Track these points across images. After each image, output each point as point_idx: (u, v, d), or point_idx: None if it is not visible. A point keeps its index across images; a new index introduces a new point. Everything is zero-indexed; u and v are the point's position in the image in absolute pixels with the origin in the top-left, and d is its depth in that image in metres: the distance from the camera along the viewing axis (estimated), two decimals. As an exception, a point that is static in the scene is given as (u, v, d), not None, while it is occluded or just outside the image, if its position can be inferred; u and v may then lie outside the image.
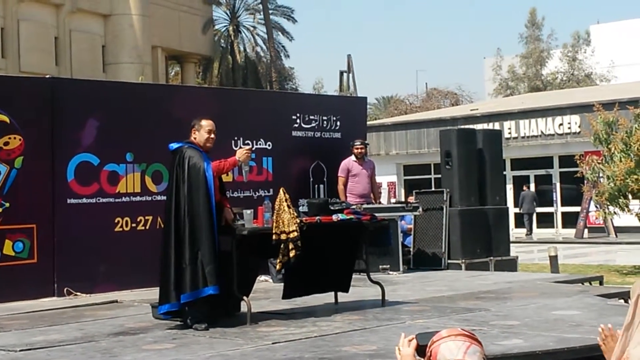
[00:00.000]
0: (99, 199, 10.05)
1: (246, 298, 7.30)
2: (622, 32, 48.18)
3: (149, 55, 35.81)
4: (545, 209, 29.80)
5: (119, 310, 8.58)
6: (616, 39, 47.62)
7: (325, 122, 12.42)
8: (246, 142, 11.20)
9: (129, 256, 10.00)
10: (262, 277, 10.28)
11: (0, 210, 9.31)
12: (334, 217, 7.84)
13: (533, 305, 8.15)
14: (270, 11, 46.90)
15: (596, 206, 18.05)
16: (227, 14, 48.26)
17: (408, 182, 32.44)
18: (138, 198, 10.35)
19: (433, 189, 19.01)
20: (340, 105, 13.45)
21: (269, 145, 11.70)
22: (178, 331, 7.02)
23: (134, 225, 10.27)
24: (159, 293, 7.29)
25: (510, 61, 50.05)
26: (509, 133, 29.13)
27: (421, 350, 2.73)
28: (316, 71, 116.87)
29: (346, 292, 8.29)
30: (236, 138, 11.21)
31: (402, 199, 27.74)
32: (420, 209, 11.87)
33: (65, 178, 9.81)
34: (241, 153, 7.56)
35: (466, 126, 23.47)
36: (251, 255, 7.56)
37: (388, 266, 11.44)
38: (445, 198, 12.45)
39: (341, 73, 38.41)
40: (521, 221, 28.98)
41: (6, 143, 9.42)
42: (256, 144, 11.46)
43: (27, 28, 31.72)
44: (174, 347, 6.34)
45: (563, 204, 29.42)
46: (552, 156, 29.50)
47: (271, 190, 10.98)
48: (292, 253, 7.23)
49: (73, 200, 9.85)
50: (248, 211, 7.56)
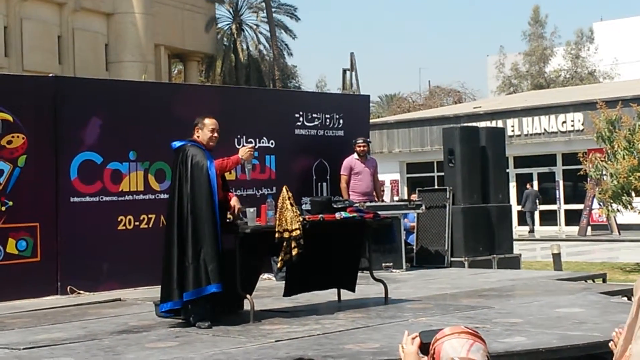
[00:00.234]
0: (102, 198, 10.06)
1: (249, 296, 7.30)
2: (626, 30, 48.13)
3: (152, 53, 35.83)
4: (548, 207, 29.79)
5: (123, 308, 8.59)
6: (619, 37, 47.57)
7: (328, 120, 12.42)
8: (249, 141, 11.20)
9: (132, 254, 10.01)
10: (265, 275, 10.28)
11: (3, 208, 9.33)
12: (337, 215, 7.84)
13: (536, 302, 8.15)
14: (273, 9, 46.89)
15: (599, 204, 18.05)
16: (230, 12, 48.27)
17: (411, 180, 32.43)
18: (141, 196, 10.36)
19: (436, 187, 19.05)
20: (343, 103, 13.45)
21: (272, 143, 11.71)
22: (181, 329, 7.03)
23: (137, 223, 10.27)
24: (161, 291, 7.30)
25: (513, 59, 50.03)
26: (512, 131, 29.12)
27: (424, 348, 2.72)
28: (319, 69, 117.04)
29: (352, 292, 8.28)
30: (239, 136, 11.21)
31: (405, 197, 27.70)
32: (423, 207, 11.87)
33: (68, 176, 9.82)
34: (244, 151, 7.57)
35: (469, 124, 23.45)
36: (254, 253, 7.56)
37: (391, 264, 11.44)
38: (448, 196, 12.46)
39: (344, 71, 38.45)
40: (524, 219, 28.98)
41: (9, 142, 9.43)
42: (259, 142, 11.46)
43: (30, 27, 31.75)
44: (177, 345, 6.35)
45: (566, 202, 29.41)
46: (555, 154, 29.48)
47: (274, 188, 10.97)
48: (295, 251, 7.23)
49: (76, 198, 9.86)
50: (251, 209, 7.55)
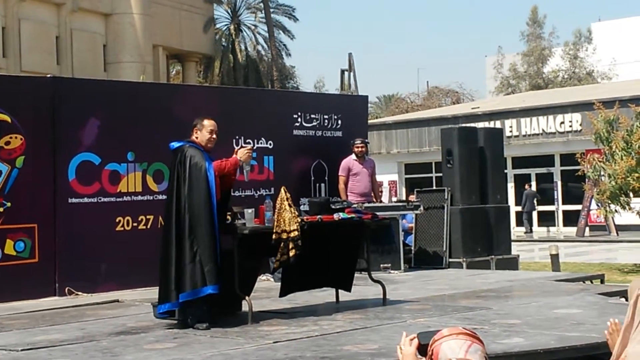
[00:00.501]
0: (100, 199, 10.05)
1: (247, 297, 7.30)
2: (624, 30, 48.17)
3: (150, 54, 35.83)
4: (546, 207, 29.81)
5: (121, 309, 8.58)
6: (618, 37, 47.60)
7: (326, 121, 12.42)
8: (247, 141, 11.20)
9: (130, 256, 10.00)
10: (264, 276, 10.28)
11: (1, 209, 9.32)
12: (335, 216, 7.84)
13: (534, 303, 8.15)
14: (271, 10, 46.90)
15: (597, 204, 18.05)
16: (229, 13, 48.27)
17: (409, 181, 32.44)
18: (139, 197, 10.35)
19: (434, 188, 19.05)
20: (341, 103, 13.45)
21: (270, 144, 11.70)
22: (179, 330, 7.02)
23: (135, 224, 10.27)
24: (159, 292, 7.30)
25: (511, 59, 50.06)
26: (510, 131, 29.14)
27: (423, 349, 2.73)
28: (317, 70, 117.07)
29: (348, 292, 8.30)
30: (237, 137, 11.20)
31: (403, 198, 27.72)
32: (421, 208, 11.87)
33: (66, 177, 9.81)
34: (242, 153, 7.56)
35: (467, 124, 23.46)
36: (252, 254, 7.56)
37: (389, 265, 11.44)
38: (446, 196, 12.45)
39: (342, 72, 38.46)
40: (522, 219, 29.00)
41: (7, 142, 9.42)
42: (257, 143, 11.46)
43: (28, 27, 31.74)
44: (175, 347, 6.35)
45: (564, 202, 29.43)
46: (554, 154, 29.51)
47: (272, 189, 10.97)
48: (292, 252, 7.23)
49: (74, 199, 9.85)
50: (249, 210, 7.55)
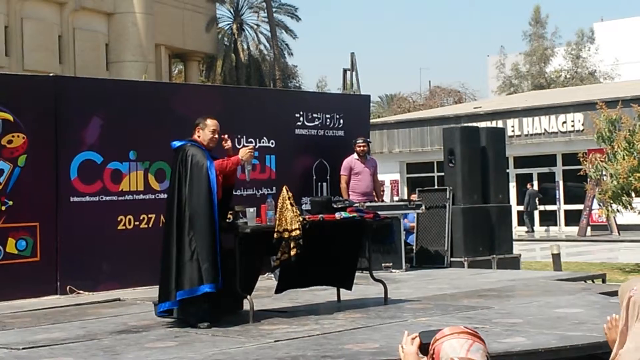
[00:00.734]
0: (102, 197, 10.06)
1: (249, 296, 7.31)
2: (626, 30, 48.14)
3: (153, 53, 35.82)
4: (548, 207, 29.81)
5: (122, 308, 8.59)
6: (620, 37, 47.57)
7: (328, 120, 12.42)
8: (249, 141, 11.21)
9: (132, 254, 10.01)
10: (267, 275, 10.28)
11: (3, 208, 9.33)
12: (337, 215, 7.85)
13: (536, 303, 8.15)
14: (273, 9, 46.89)
15: (599, 204, 18.04)
16: (231, 12, 48.26)
17: (411, 180, 32.43)
18: (141, 196, 10.36)
19: (436, 187, 19.05)
20: (343, 103, 13.45)
21: (272, 143, 11.71)
22: (180, 329, 7.03)
23: (137, 223, 10.27)
24: (159, 291, 7.31)
25: (513, 59, 50.04)
26: (512, 131, 29.12)
27: (424, 348, 2.73)
28: (319, 69, 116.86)
29: (349, 290, 8.30)
30: (239, 136, 11.21)
31: (405, 197, 27.73)
32: (423, 207, 11.88)
33: (68, 176, 9.82)
34: (244, 152, 7.57)
35: (469, 124, 23.44)
36: (254, 253, 7.57)
37: (391, 264, 11.44)
38: (448, 196, 12.46)
39: (344, 71, 38.42)
40: (523, 219, 29.00)
41: (10, 141, 9.43)
42: (259, 142, 11.47)
43: (31, 26, 31.73)
44: (177, 345, 6.35)
45: (566, 202, 29.42)
46: (556, 154, 29.48)
47: (274, 188, 10.98)
48: (294, 251, 7.24)
49: (76, 198, 9.86)
50: (251, 209, 7.56)
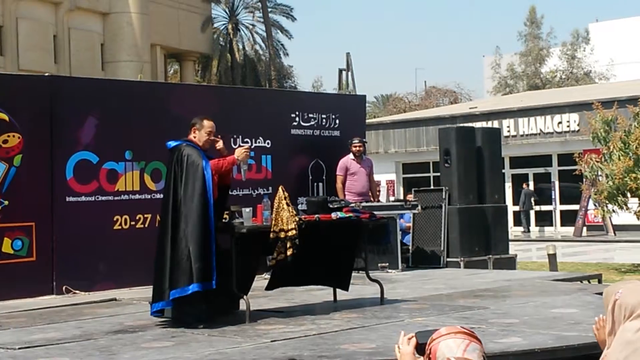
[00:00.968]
0: (98, 197, 10.04)
1: (245, 296, 7.30)
2: (621, 31, 48.22)
3: (148, 53, 35.77)
4: (544, 207, 29.84)
5: (118, 308, 8.58)
6: (615, 37, 47.66)
7: (324, 121, 12.42)
8: (245, 140, 11.20)
9: (128, 254, 10.00)
10: (262, 275, 10.27)
11: (-1, 208, 9.31)
12: (333, 215, 7.85)
13: (532, 303, 8.16)
14: (269, 9, 46.88)
15: (595, 204, 18.05)
16: (226, 12, 48.24)
17: (407, 180, 32.43)
18: (137, 196, 10.35)
19: (432, 187, 19.05)
20: (339, 103, 13.46)
21: (268, 143, 11.71)
22: (177, 329, 7.02)
23: (133, 223, 10.27)
24: (153, 291, 7.30)
25: (509, 59, 50.08)
26: (508, 131, 29.14)
27: (421, 348, 2.73)
28: (315, 69, 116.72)
29: (346, 291, 8.30)
30: (235, 136, 11.21)
31: (401, 197, 27.75)
32: (419, 207, 11.88)
33: (64, 176, 9.80)
34: (240, 152, 7.56)
35: (465, 124, 23.45)
36: (250, 253, 7.57)
37: (387, 264, 11.44)
38: (444, 196, 12.46)
39: (340, 71, 38.44)
40: (519, 219, 29.04)
41: (5, 141, 9.41)
42: (255, 142, 11.46)
43: (26, 26, 31.68)
44: (173, 345, 6.35)
45: (562, 202, 29.45)
46: (551, 154, 29.51)
47: (270, 188, 10.97)
48: (290, 251, 7.24)
49: (72, 198, 9.85)
50: (247, 209, 7.56)
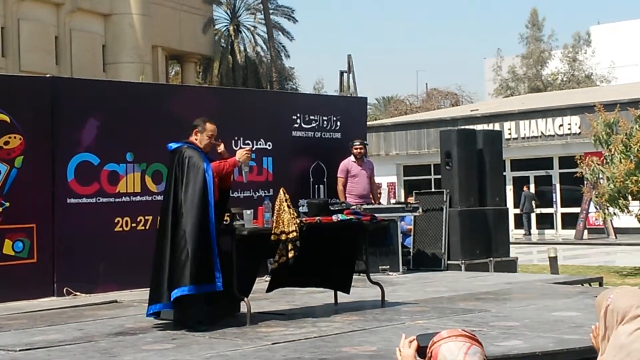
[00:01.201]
0: (99, 199, 10.04)
1: (246, 298, 7.30)
2: (623, 33, 48.21)
3: (149, 55, 35.83)
4: (545, 210, 29.83)
5: (119, 310, 8.57)
6: (616, 40, 47.65)
7: (325, 123, 12.42)
8: (246, 142, 11.20)
9: (129, 256, 9.99)
10: (263, 278, 10.26)
11: (0, 209, 9.31)
12: (334, 218, 7.84)
13: (533, 306, 8.15)
14: (270, 11, 46.89)
15: (596, 207, 18.04)
16: (228, 14, 48.26)
17: (408, 183, 32.42)
18: (138, 198, 10.35)
19: (433, 190, 19.01)
20: (340, 105, 13.45)
21: (269, 145, 11.70)
22: (177, 331, 7.02)
23: (134, 225, 10.26)
24: (151, 293, 7.28)
25: (510, 62, 50.06)
26: (509, 134, 29.14)
27: (422, 351, 2.72)
28: (316, 71, 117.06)
29: (347, 294, 8.29)
30: (236, 138, 11.21)
31: (402, 200, 27.75)
32: (420, 210, 11.88)
33: (65, 178, 9.80)
34: (241, 154, 7.56)
35: (466, 127, 23.46)
36: (251, 255, 7.56)
37: (388, 267, 11.44)
38: (445, 199, 12.45)
39: (341, 73, 38.40)
40: (520, 222, 29.03)
41: (6, 142, 9.41)
42: (256, 144, 11.46)
43: (28, 27, 31.73)
44: (174, 348, 6.34)
45: (563, 205, 29.44)
46: (552, 157, 29.50)
47: (271, 190, 10.98)
48: (291, 254, 7.23)
49: (73, 200, 9.85)
50: (248, 211, 7.55)
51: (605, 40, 47.96)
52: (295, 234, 7.22)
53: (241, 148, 8.82)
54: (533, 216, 29.68)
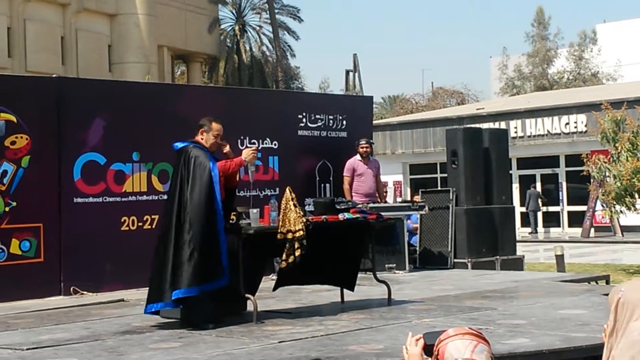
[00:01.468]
0: (106, 198, 10.06)
1: (252, 297, 7.30)
2: (629, 31, 48.11)
3: (155, 54, 35.85)
4: (551, 208, 29.79)
5: (126, 309, 8.59)
6: (622, 38, 47.54)
7: (331, 122, 12.42)
8: (252, 142, 11.21)
9: (136, 255, 10.00)
10: (269, 276, 10.27)
11: (7, 209, 9.33)
12: (340, 216, 7.84)
13: (539, 304, 8.15)
14: (276, 10, 46.88)
15: (602, 205, 18.01)
16: (233, 14, 48.27)
17: (414, 181, 32.41)
18: (144, 197, 10.36)
19: (439, 188, 19.01)
20: (346, 104, 13.45)
21: (275, 144, 11.71)
22: (184, 330, 7.03)
23: (140, 224, 10.28)
24: (152, 291, 7.28)
25: (516, 60, 49.99)
26: (515, 132, 29.10)
27: (428, 349, 2.72)
28: (322, 70, 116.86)
29: (351, 291, 8.30)
30: (242, 137, 11.22)
31: (408, 198, 27.73)
32: (426, 208, 11.87)
33: (71, 177, 9.82)
34: (247, 153, 7.56)
35: (472, 125, 23.42)
36: (257, 254, 7.57)
37: (394, 265, 11.44)
38: (451, 197, 12.45)
39: (347, 72, 38.38)
40: (527, 220, 29.00)
41: (13, 142, 9.43)
42: (262, 143, 11.47)
43: (34, 28, 31.77)
44: (181, 346, 6.35)
45: (569, 203, 29.40)
46: (559, 155, 29.46)
47: (277, 189, 10.98)
48: (298, 252, 7.24)
49: (79, 199, 9.87)
50: (254, 210, 7.56)
51: (611, 38, 47.86)
52: (301, 233, 7.22)
53: (247, 147, 8.83)
54: (539, 214, 29.65)
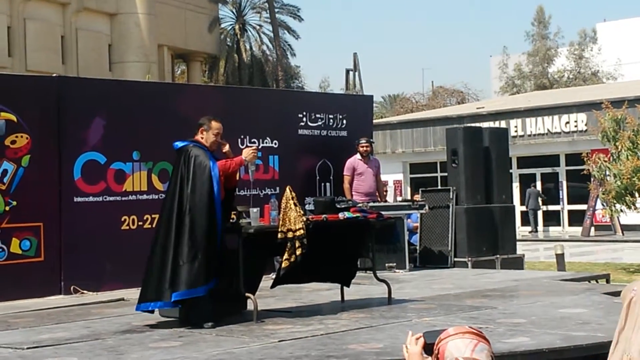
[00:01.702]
0: (106, 198, 10.06)
1: (252, 296, 7.31)
2: (629, 30, 48.11)
3: (155, 54, 35.85)
4: (551, 207, 29.79)
5: (126, 308, 8.58)
6: (623, 37, 47.54)
7: (331, 121, 12.42)
8: (252, 141, 11.21)
9: (136, 254, 9.96)
10: (269, 275, 10.27)
11: (7, 208, 9.33)
12: (341, 215, 7.84)
13: (539, 303, 8.15)
14: (276, 10, 46.88)
15: (603, 204, 18.02)
16: (233, 13, 48.27)
17: (414, 181, 32.41)
18: (145, 196, 10.36)
19: (439, 187, 19.02)
20: (346, 103, 13.45)
21: (275, 143, 11.71)
22: (184, 329, 7.03)
23: (141, 223, 10.28)
24: (148, 289, 7.26)
25: (516, 59, 50.01)
26: (516, 131, 29.10)
27: (428, 348, 2.72)
28: (322, 69, 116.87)
29: (347, 287, 8.31)
30: (242, 136, 11.22)
31: (408, 197, 27.72)
32: (426, 207, 11.87)
33: (72, 176, 9.82)
34: (247, 152, 7.56)
35: (472, 124, 23.42)
36: (257, 253, 7.57)
37: (394, 264, 11.44)
38: (451, 196, 12.45)
39: (347, 71, 38.40)
40: (527, 219, 29.01)
41: (13, 141, 9.44)
42: (262, 143, 11.47)
43: (34, 27, 31.78)
44: (181, 345, 6.36)
45: (569, 202, 29.40)
46: (559, 154, 29.46)
47: (277, 188, 10.97)
48: (299, 251, 7.24)
49: (80, 198, 9.87)
50: (254, 209, 7.56)
51: (611, 37, 47.87)
52: (302, 232, 7.23)
53: (247, 146, 8.83)
54: (540, 213, 29.66)
